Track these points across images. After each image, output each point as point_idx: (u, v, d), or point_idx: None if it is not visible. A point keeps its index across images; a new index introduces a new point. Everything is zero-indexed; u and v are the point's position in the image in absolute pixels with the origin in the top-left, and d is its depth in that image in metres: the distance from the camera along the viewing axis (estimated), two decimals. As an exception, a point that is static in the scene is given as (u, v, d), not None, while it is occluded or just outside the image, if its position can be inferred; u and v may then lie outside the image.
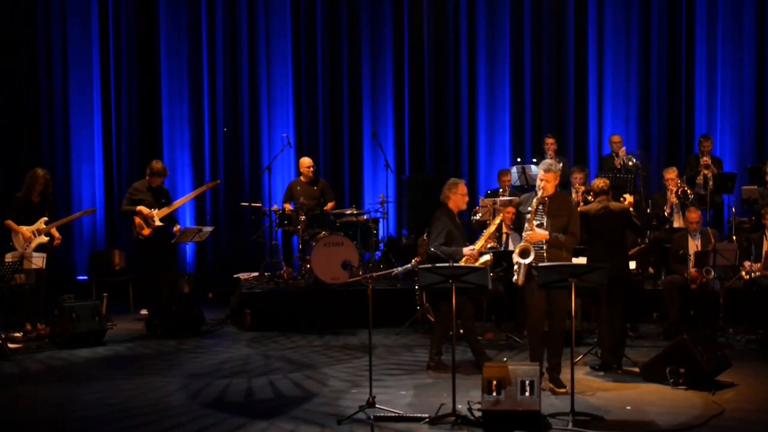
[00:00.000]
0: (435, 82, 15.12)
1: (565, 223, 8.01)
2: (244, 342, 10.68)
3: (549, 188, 8.01)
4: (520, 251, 7.88)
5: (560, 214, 8.01)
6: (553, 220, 7.97)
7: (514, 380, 7.05)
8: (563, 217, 8.01)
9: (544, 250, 7.92)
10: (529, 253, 7.84)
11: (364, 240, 12.43)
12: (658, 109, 14.94)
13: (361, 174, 15.05)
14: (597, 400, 7.81)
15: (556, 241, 7.93)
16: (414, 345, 10.42)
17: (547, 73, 15.10)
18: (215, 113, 14.79)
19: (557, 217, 7.99)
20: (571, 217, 8.07)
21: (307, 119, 14.99)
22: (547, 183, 7.99)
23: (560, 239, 7.93)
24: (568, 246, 8.02)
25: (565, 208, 8.08)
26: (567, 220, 8.02)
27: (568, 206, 8.13)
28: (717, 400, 7.74)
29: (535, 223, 7.96)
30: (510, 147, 15.04)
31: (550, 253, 7.91)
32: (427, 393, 8.06)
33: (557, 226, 7.97)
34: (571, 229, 8.03)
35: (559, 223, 7.98)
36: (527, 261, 7.83)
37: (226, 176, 14.74)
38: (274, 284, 12.01)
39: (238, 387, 8.44)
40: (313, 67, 14.94)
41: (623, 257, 8.99)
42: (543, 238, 7.91)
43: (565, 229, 8.00)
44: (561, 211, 8.03)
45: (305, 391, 8.30)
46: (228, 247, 14.83)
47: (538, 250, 7.91)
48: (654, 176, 13.71)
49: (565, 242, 7.97)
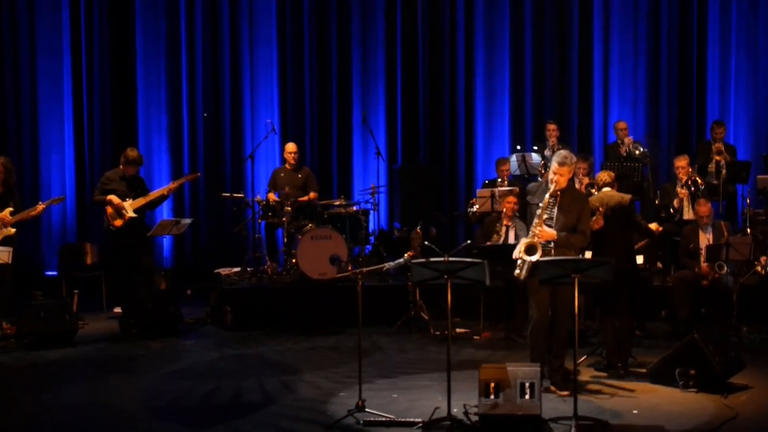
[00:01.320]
0: (430, 66, 15.08)
1: (576, 220, 7.98)
2: (225, 342, 10.65)
3: (562, 182, 7.96)
4: (526, 247, 7.82)
5: (571, 210, 7.97)
6: (563, 216, 7.94)
7: (514, 382, 7.03)
8: (574, 214, 7.97)
9: (551, 248, 7.90)
10: (535, 251, 7.79)
11: (354, 233, 12.39)
12: (668, 95, 14.92)
13: (350, 162, 15.01)
14: (601, 404, 7.79)
15: (565, 240, 7.91)
16: (406, 345, 10.40)
17: (549, 57, 15.08)
18: (194, 98, 14.76)
19: (568, 213, 7.96)
20: (582, 215, 8.03)
21: (293, 104, 14.95)
22: (560, 177, 7.94)
23: (570, 239, 7.91)
24: (577, 245, 8.00)
25: (577, 205, 8.03)
26: (577, 217, 7.99)
27: (580, 202, 8.09)
28: (730, 404, 7.71)
29: (545, 217, 7.92)
30: (509, 134, 15.01)
31: (558, 252, 7.88)
32: (420, 396, 8.03)
33: (567, 224, 7.93)
34: (582, 228, 8.00)
35: (569, 220, 7.95)
36: (533, 258, 7.77)
37: (206, 164, 14.71)
38: (257, 280, 11.98)
39: (217, 390, 8.39)
40: (299, 50, 14.90)
41: (629, 252, 8.97)
42: (552, 237, 7.88)
43: (575, 227, 7.97)
44: (572, 207, 7.99)
45: (290, 394, 8.28)
46: (208, 240, 14.81)
47: (545, 247, 7.88)
48: (663, 165, 13.71)
49: (574, 242, 7.95)
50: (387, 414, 7.31)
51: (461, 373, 8.37)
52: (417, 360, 9.57)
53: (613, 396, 8.08)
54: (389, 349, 10.20)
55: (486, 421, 7.00)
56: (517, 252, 7.94)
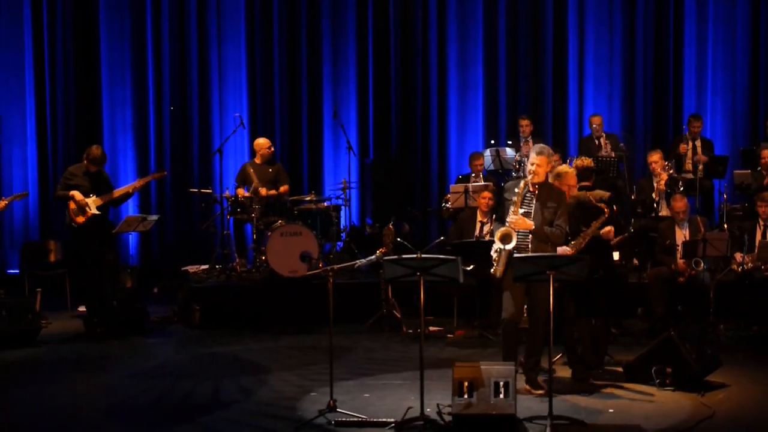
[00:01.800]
0: (402, 59, 15.06)
1: (554, 214, 7.96)
2: (192, 341, 10.61)
3: (541, 173, 7.96)
4: (501, 236, 7.82)
5: (550, 204, 7.96)
6: (541, 210, 7.93)
7: (488, 381, 7.02)
8: (552, 208, 7.96)
9: (528, 240, 7.89)
10: (511, 239, 7.78)
11: (325, 229, 12.37)
12: (644, 88, 14.96)
13: (321, 157, 14.98)
14: (577, 403, 7.80)
15: (542, 233, 7.89)
16: (379, 343, 10.39)
17: (523, 49, 15.08)
18: (161, 95, 14.70)
19: (546, 208, 7.94)
20: (560, 209, 8.01)
21: (263, 99, 14.90)
22: (539, 167, 7.93)
23: (546, 231, 7.90)
24: (554, 240, 7.97)
25: (555, 199, 8.01)
26: (556, 212, 7.98)
27: (558, 196, 8.07)
28: (707, 402, 7.74)
29: (522, 211, 7.91)
30: (483, 129, 15.02)
31: (535, 246, 7.88)
32: (392, 396, 8.01)
33: (545, 218, 7.92)
34: (560, 222, 7.99)
35: (547, 213, 7.94)
36: (509, 247, 7.77)
37: (173, 160, 14.65)
38: (226, 278, 11.93)
39: (184, 391, 8.35)
40: (268, 44, 14.84)
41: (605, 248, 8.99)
42: (529, 227, 7.87)
43: (552, 222, 7.96)
44: (551, 201, 7.97)
45: (259, 394, 8.24)
46: (175, 237, 14.74)
47: (521, 240, 7.87)
48: (639, 159, 13.73)
49: (551, 236, 7.93)
50: (359, 414, 7.29)
51: (434, 372, 8.35)
52: (389, 359, 9.56)
53: (588, 395, 8.09)
54: (361, 348, 10.18)
55: (460, 421, 6.99)
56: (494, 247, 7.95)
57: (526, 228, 7.87)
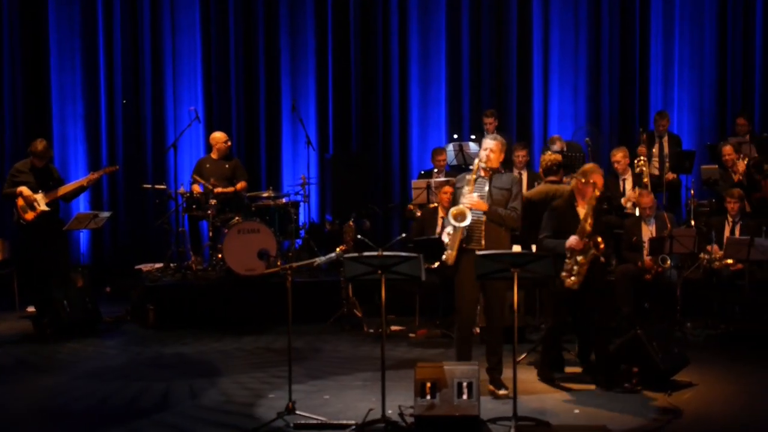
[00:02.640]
0: (362, 51, 15.05)
1: (508, 197, 8.02)
2: (147, 342, 10.55)
3: (494, 159, 8.03)
4: (455, 214, 7.85)
5: (503, 188, 8.03)
6: (496, 193, 7.99)
7: (450, 382, 7.04)
8: (506, 191, 8.03)
9: (482, 222, 7.92)
10: (465, 216, 7.81)
11: (283, 226, 12.33)
12: (609, 82, 15.05)
13: (279, 152, 14.95)
14: (542, 403, 7.84)
15: (495, 214, 7.93)
16: (339, 343, 10.39)
17: (486, 41, 15.12)
18: (112, 85, 14.60)
19: (499, 190, 8.01)
20: (514, 191, 8.07)
21: (218, 91, 14.85)
22: (491, 153, 8.01)
23: (501, 213, 7.95)
24: (508, 222, 8.02)
25: (507, 182, 8.09)
26: (510, 195, 8.04)
27: (510, 180, 8.13)
28: (674, 402, 7.82)
29: (475, 194, 7.96)
30: (446, 123, 15.05)
31: (489, 227, 7.91)
32: (353, 397, 8.02)
33: (499, 201, 7.98)
34: (513, 204, 8.05)
35: (500, 196, 8.00)
36: (464, 224, 7.81)
37: (125, 154, 14.57)
38: (181, 276, 11.88)
39: (132, 394, 8.30)
40: (224, 35, 14.79)
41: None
42: (483, 208, 7.90)
43: (506, 205, 8.02)
44: (503, 185, 8.05)
45: (215, 396, 8.21)
46: (128, 234, 14.67)
47: (475, 221, 7.89)
48: (605, 153, 13.77)
49: (505, 217, 7.98)
50: (318, 416, 7.28)
51: (396, 373, 8.38)
52: (350, 359, 9.55)
53: (553, 395, 8.14)
54: (321, 348, 10.17)
55: (422, 423, 7.01)
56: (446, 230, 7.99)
57: (481, 208, 7.90)
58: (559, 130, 14.57)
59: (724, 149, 12.37)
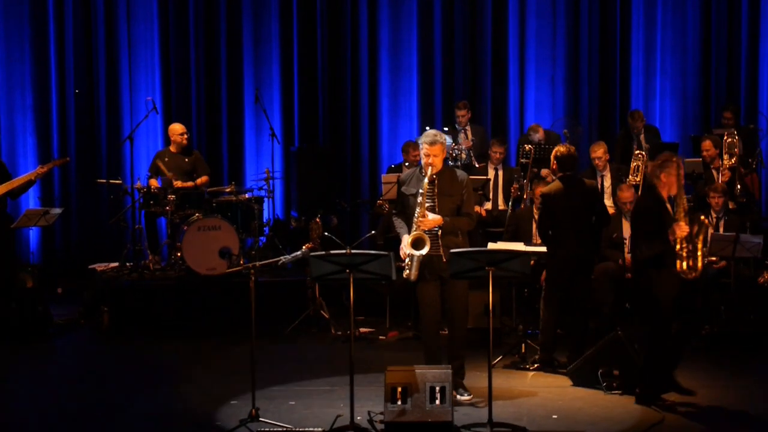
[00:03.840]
0: (330, 40, 15.01)
1: (458, 202, 8.04)
2: (101, 345, 10.55)
3: (438, 163, 8.00)
4: (413, 241, 7.85)
5: (452, 193, 8.04)
6: (444, 200, 7.99)
7: (423, 386, 7.06)
8: (456, 197, 8.04)
9: (438, 237, 7.94)
10: (424, 244, 7.81)
11: (246, 223, 12.30)
12: (588, 72, 15.07)
13: (242, 145, 14.91)
14: (518, 408, 7.86)
15: (449, 225, 7.96)
16: (305, 346, 10.40)
17: (460, 29, 15.11)
18: (64, 74, 14.53)
19: (449, 197, 8.02)
20: (465, 195, 8.10)
21: (177, 81, 14.80)
22: (435, 158, 7.97)
23: (455, 224, 7.99)
24: (463, 228, 8.09)
25: (457, 186, 8.09)
26: (460, 199, 8.05)
27: (459, 183, 8.12)
28: (656, 407, 7.82)
29: (427, 205, 7.94)
30: (417, 114, 15.04)
31: (446, 240, 7.94)
32: (320, 403, 8.02)
33: (449, 207, 7.99)
34: (466, 209, 8.08)
35: (451, 203, 8.02)
36: (423, 252, 7.82)
37: (78, 147, 14.52)
38: (138, 276, 11.83)
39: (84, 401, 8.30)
40: (183, 22, 14.74)
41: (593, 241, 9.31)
42: (437, 223, 7.91)
43: (458, 210, 8.03)
44: (453, 190, 8.05)
45: (175, 402, 8.20)
46: (81, 232, 14.61)
47: (432, 239, 7.90)
48: (585, 145, 13.77)
49: (460, 225, 8.03)
50: (283, 423, 7.27)
51: (365, 377, 8.39)
52: (317, 363, 9.56)
53: (530, 400, 8.16)
54: (286, 351, 10.19)
55: (393, 429, 7.02)
56: (403, 249, 7.98)
57: (436, 224, 7.91)
58: (536, 121, 14.57)
59: (703, 144, 12.25)
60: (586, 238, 9.09)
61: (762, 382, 8.86)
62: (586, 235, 9.12)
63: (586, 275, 9.24)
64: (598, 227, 9.40)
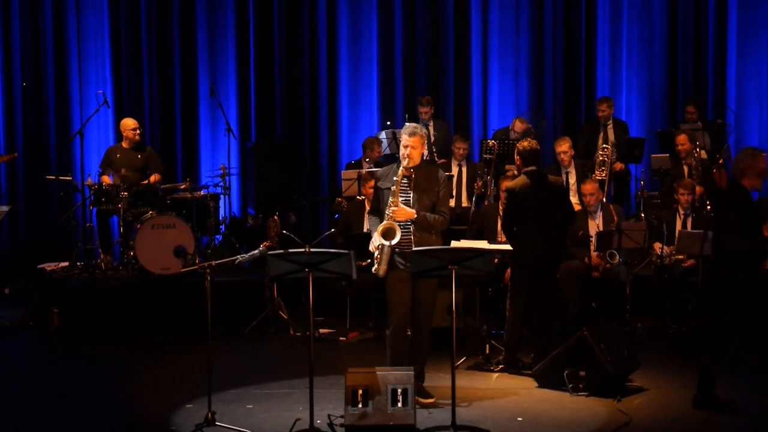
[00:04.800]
0: (287, 30, 15.00)
1: (435, 200, 8.05)
2: (50, 348, 10.48)
3: (416, 156, 7.99)
4: (383, 230, 7.85)
5: (429, 189, 8.04)
6: (420, 196, 7.99)
7: (384, 388, 7.07)
8: (432, 193, 8.05)
9: (411, 232, 7.95)
10: (394, 234, 7.83)
11: (201, 221, 12.30)
12: (553, 65, 15.13)
13: (197, 140, 14.89)
14: (483, 411, 7.89)
15: (424, 221, 7.95)
16: (263, 348, 10.41)
17: (421, 20, 15.13)
18: (10, 67, 14.50)
19: (425, 192, 8.02)
20: (440, 194, 8.11)
21: (128, 74, 14.77)
22: (413, 150, 7.97)
23: (429, 219, 7.97)
24: (437, 227, 8.07)
25: (434, 183, 8.10)
26: (436, 197, 8.07)
27: (436, 180, 8.14)
28: (623, 408, 7.90)
29: (401, 199, 7.96)
30: (378, 106, 15.05)
31: (418, 235, 7.94)
32: (279, 406, 8.02)
33: (424, 204, 7.99)
34: (441, 208, 8.09)
35: (426, 199, 8.01)
36: (393, 242, 7.83)
37: (26, 142, 14.47)
38: (89, 276, 11.80)
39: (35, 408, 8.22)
40: (135, 12, 14.70)
41: (558, 239, 9.37)
42: (410, 216, 7.91)
43: (434, 207, 8.05)
44: (430, 186, 8.05)
45: (127, 407, 8.18)
46: (29, 230, 14.57)
47: (404, 231, 7.92)
48: (549, 139, 13.82)
49: (434, 223, 8.01)
50: (241, 428, 7.26)
51: (325, 380, 8.41)
52: (275, 365, 9.56)
53: (495, 402, 8.20)
54: (243, 353, 10.17)
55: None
56: (373, 242, 7.99)
57: (408, 217, 7.91)
58: (500, 115, 14.70)
59: (678, 138, 12.32)
60: (551, 236, 9.15)
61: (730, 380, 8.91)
62: (552, 232, 9.18)
63: (551, 274, 9.30)
64: (564, 224, 9.46)
